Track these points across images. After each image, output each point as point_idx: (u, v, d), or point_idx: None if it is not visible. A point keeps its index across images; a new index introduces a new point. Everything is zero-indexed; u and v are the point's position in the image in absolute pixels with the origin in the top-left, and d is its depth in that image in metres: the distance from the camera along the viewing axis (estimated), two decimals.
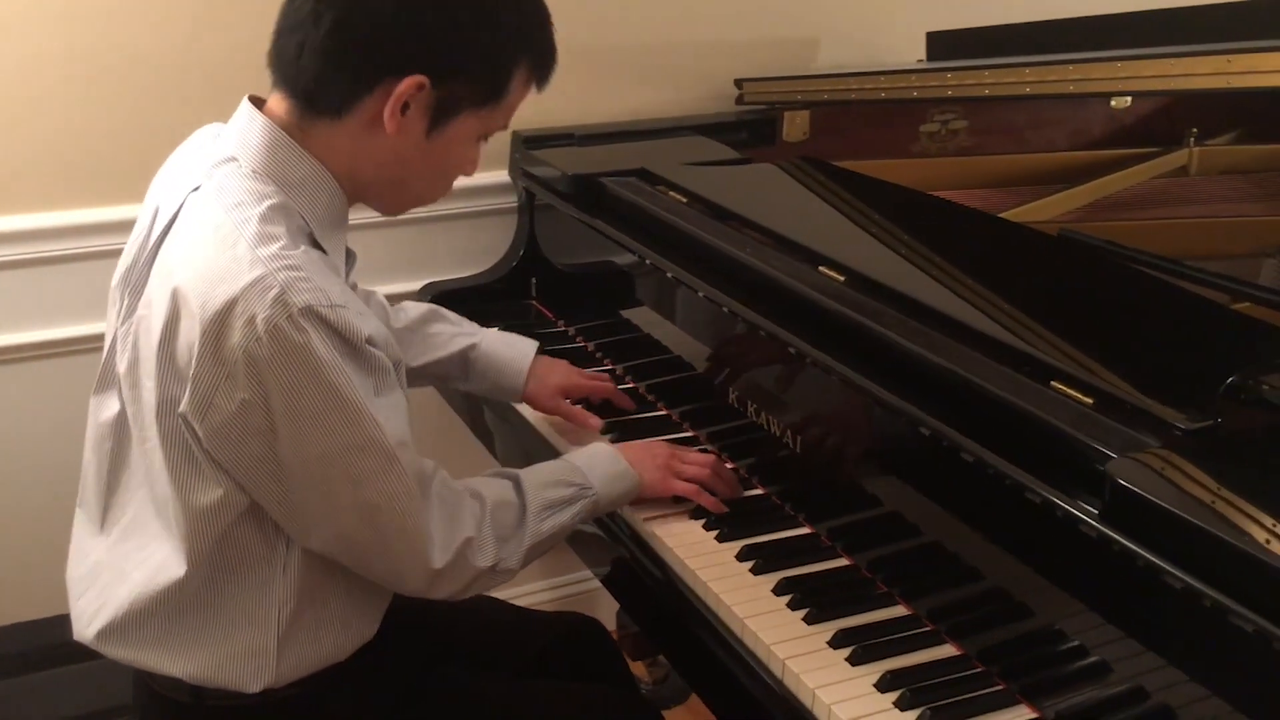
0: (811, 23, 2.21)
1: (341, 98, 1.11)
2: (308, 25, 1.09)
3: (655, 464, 1.37)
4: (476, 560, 1.18)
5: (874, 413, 1.25)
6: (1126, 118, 2.13)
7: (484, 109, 1.15)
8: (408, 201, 1.24)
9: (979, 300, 1.32)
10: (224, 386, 1.04)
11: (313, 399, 1.05)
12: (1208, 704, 0.94)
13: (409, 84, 1.09)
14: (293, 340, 1.03)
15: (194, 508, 1.11)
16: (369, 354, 1.09)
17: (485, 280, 1.97)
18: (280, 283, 1.03)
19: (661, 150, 1.89)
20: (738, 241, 1.51)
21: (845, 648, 1.14)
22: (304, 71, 1.10)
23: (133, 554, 1.18)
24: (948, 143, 2.12)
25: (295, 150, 1.13)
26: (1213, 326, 1.26)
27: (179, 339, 1.07)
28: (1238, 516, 0.87)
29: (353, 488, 1.09)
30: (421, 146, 1.14)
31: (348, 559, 1.15)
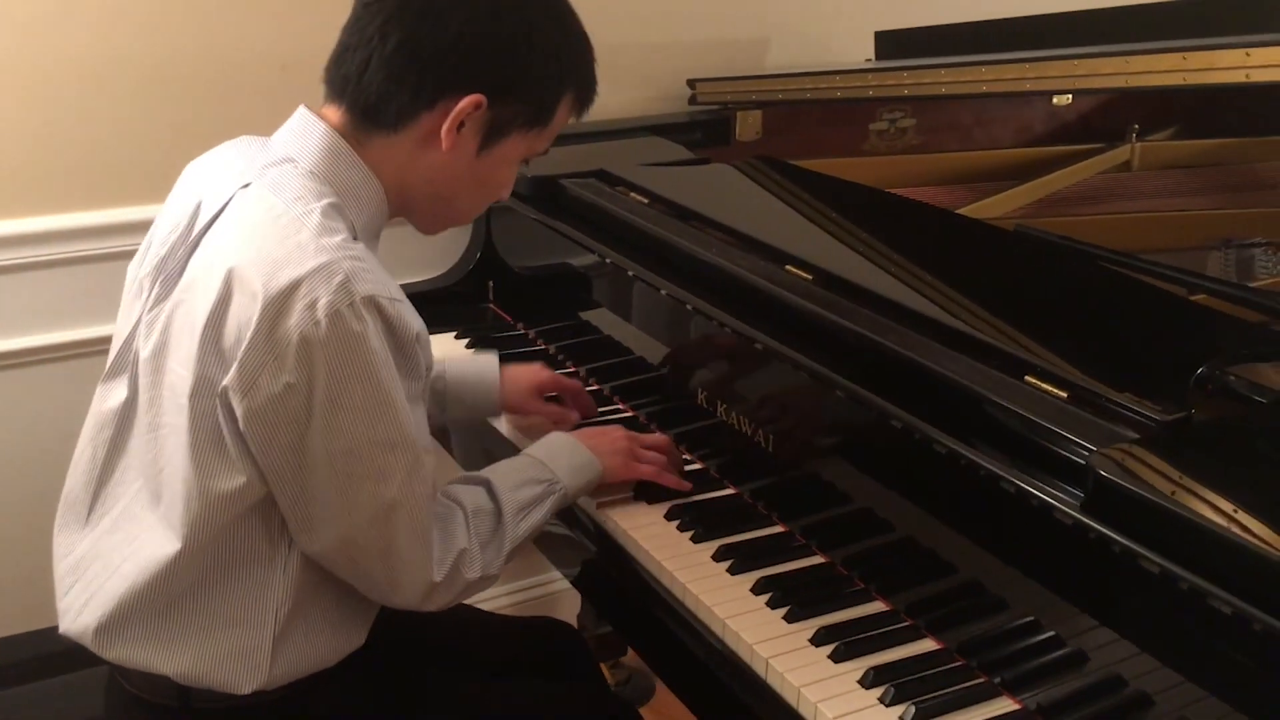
0: (761, 22, 2.22)
1: (400, 112, 1.14)
2: (374, 42, 1.13)
3: (615, 449, 1.38)
4: (467, 572, 1.20)
5: (848, 410, 1.26)
6: (1069, 114, 2.17)
7: (531, 132, 1.20)
8: (449, 219, 1.28)
9: (946, 296, 1.34)
10: (271, 367, 1.05)
11: (356, 389, 1.06)
12: (1184, 689, 0.96)
13: (468, 102, 1.13)
14: (350, 328, 1.04)
15: (212, 492, 1.10)
16: (414, 355, 1.12)
17: (442, 284, 1.95)
18: (345, 270, 1.05)
19: (618, 151, 1.89)
20: (703, 242, 1.51)
21: (827, 645, 1.15)
22: (367, 86, 1.14)
23: (122, 546, 1.16)
24: (896, 141, 2.15)
25: (352, 158, 1.16)
26: (1173, 319, 1.28)
27: (229, 319, 1.07)
28: (1221, 506, 0.89)
29: (376, 484, 1.10)
30: (471, 164, 1.18)
31: (346, 565, 1.15)
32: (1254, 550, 0.86)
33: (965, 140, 2.16)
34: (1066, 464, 1.02)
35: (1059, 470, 1.02)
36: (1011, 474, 1.04)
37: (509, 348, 1.80)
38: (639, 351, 1.63)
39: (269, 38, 1.86)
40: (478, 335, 1.83)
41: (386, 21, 1.12)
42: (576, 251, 1.73)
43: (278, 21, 1.86)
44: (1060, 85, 1.49)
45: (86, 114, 1.78)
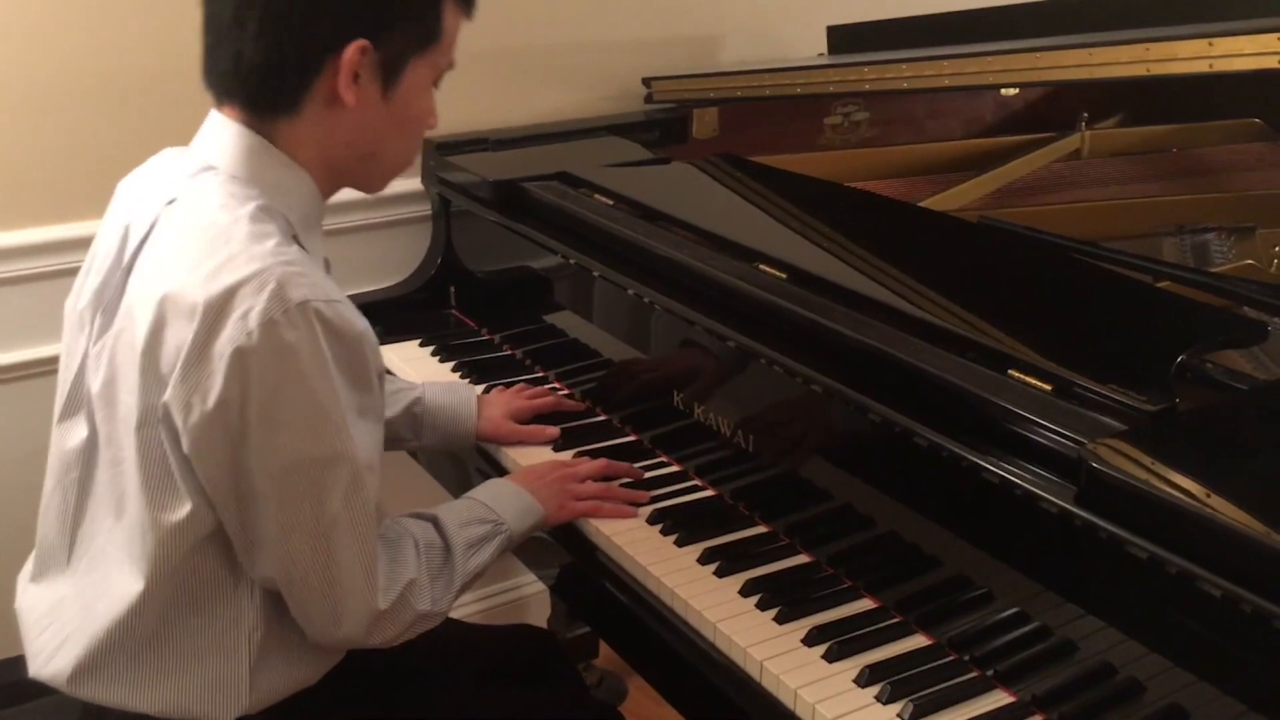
0: (715, 19, 2.21)
1: (292, 91, 1.10)
2: (235, 33, 1.08)
3: (550, 492, 1.36)
4: (417, 603, 1.17)
5: (830, 408, 1.26)
6: (1018, 103, 2.20)
7: (428, 52, 1.14)
8: (387, 171, 1.22)
9: (920, 291, 1.34)
10: (204, 384, 1.02)
11: (293, 402, 1.03)
12: (1174, 674, 0.97)
13: (352, 52, 1.08)
14: (284, 338, 1.01)
15: (163, 525, 1.07)
16: (363, 357, 1.08)
17: (403, 291, 1.92)
18: (278, 277, 1.01)
19: (579, 152, 1.88)
20: (673, 242, 1.50)
21: (820, 645, 1.15)
22: (248, 78, 1.09)
23: (97, 585, 1.13)
24: (851, 134, 2.16)
25: (271, 152, 1.12)
26: (1144, 307, 1.30)
27: (165, 344, 1.04)
28: (1216, 494, 0.90)
29: (314, 504, 1.06)
30: (383, 110, 1.13)
31: (288, 593, 1.11)
32: (1250, 536, 0.87)
33: (918, 132, 2.18)
34: (1056, 456, 1.03)
35: (1049, 463, 1.03)
36: (1005, 469, 1.04)
37: (475, 354, 1.78)
38: (609, 354, 1.62)
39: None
40: (442, 343, 1.81)
41: (238, 7, 1.07)
42: (540, 255, 1.72)
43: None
44: (1024, 78, 1.51)
45: (37, 128, 1.73)
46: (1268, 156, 1.99)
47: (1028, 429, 1.06)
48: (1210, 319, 1.24)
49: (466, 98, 2.00)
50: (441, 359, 1.76)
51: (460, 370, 1.73)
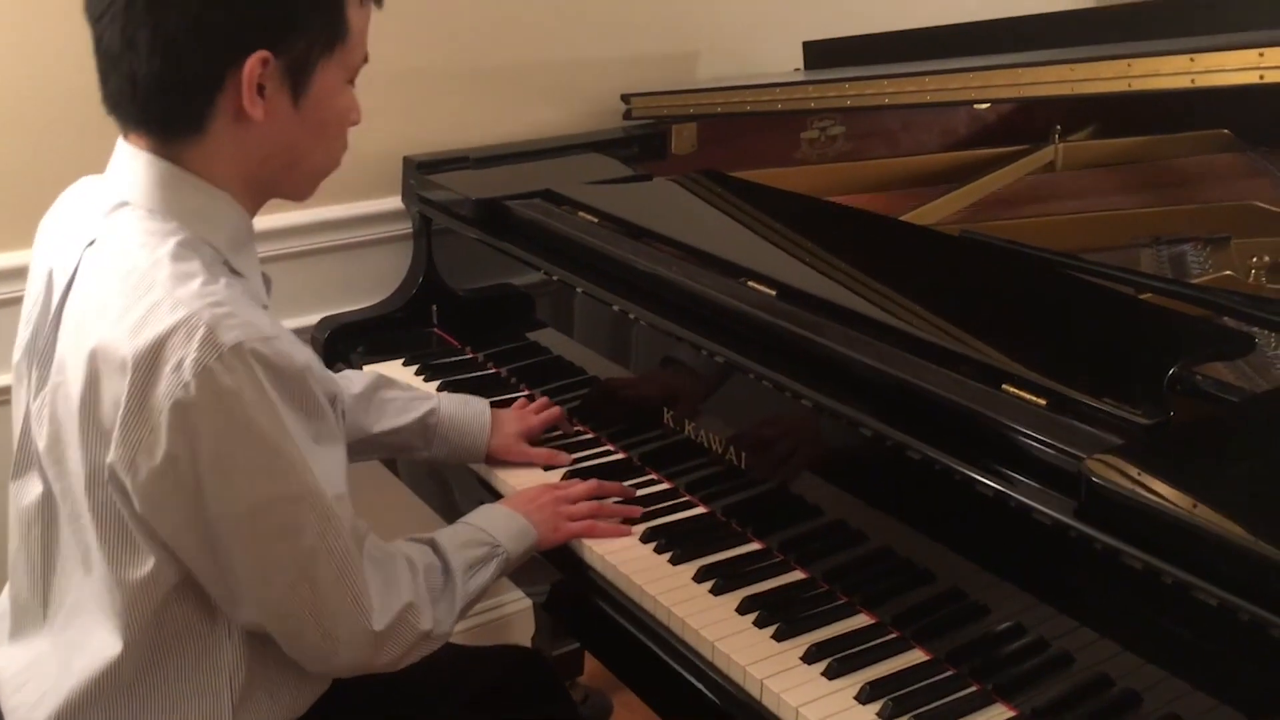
0: (691, 35, 2.22)
1: (194, 112, 1.04)
2: (127, 55, 1.02)
3: (543, 515, 1.35)
4: (419, 624, 1.15)
5: (824, 425, 1.26)
6: (990, 116, 2.22)
7: (336, 52, 1.08)
8: (313, 177, 1.16)
9: (909, 306, 1.35)
10: (147, 441, 0.98)
11: (243, 448, 0.99)
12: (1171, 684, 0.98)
13: (252, 65, 1.02)
14: (222, 384, 0.97)
15: (128, 583, 1.05)
16: (308, 391, 1.04)
17: (384, 310, 1.91)
18: (206, 321, 0.97)
19: (560, 169, 1.88)
20: (661, 260, 1.50)
21: (820, 662, 1.15)
22: (148, 102, 1.04)
23: (75, 640, 1.10)
24: (828, 148, 2.17)
25: (184, 179, 1.07)
26: (1132, 320, 1.31)
27: (103, 400, 1.01)
28: (1217, 506, 0.91)
29: (287, 542, 1.04)
30: (296, 119, 1.08)
31: (279, 630, 1.09)
32: (1251, 549, 0.88)
33: (893, 145, 2.19)
34: (1053, 471, 1.03)
35: (1046, 477, 1.04)
36: (1003, 483, 1.05)
37: (459, 373, 1.77)
38: (595, 371, 1.62)
39: None
40: (425, 362, 1.80)
41: (126, 28, 1.01)
42: (522, 272, 1.72)
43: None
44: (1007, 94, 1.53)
45: None
46: (1237, 167, 2.02)
47: (1026, 444, 1.06)
48: (1197, 331, 1.26)
49: (446, 115, 2.00)
50: (426, 378, 1.75)
51: (446, 390, 1.72)
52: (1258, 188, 1.92)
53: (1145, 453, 0.99)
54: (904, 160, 2.09)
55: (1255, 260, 1.56)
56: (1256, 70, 1.27)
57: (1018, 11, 2.10)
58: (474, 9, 1.99)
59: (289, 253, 1.88)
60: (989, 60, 1.60)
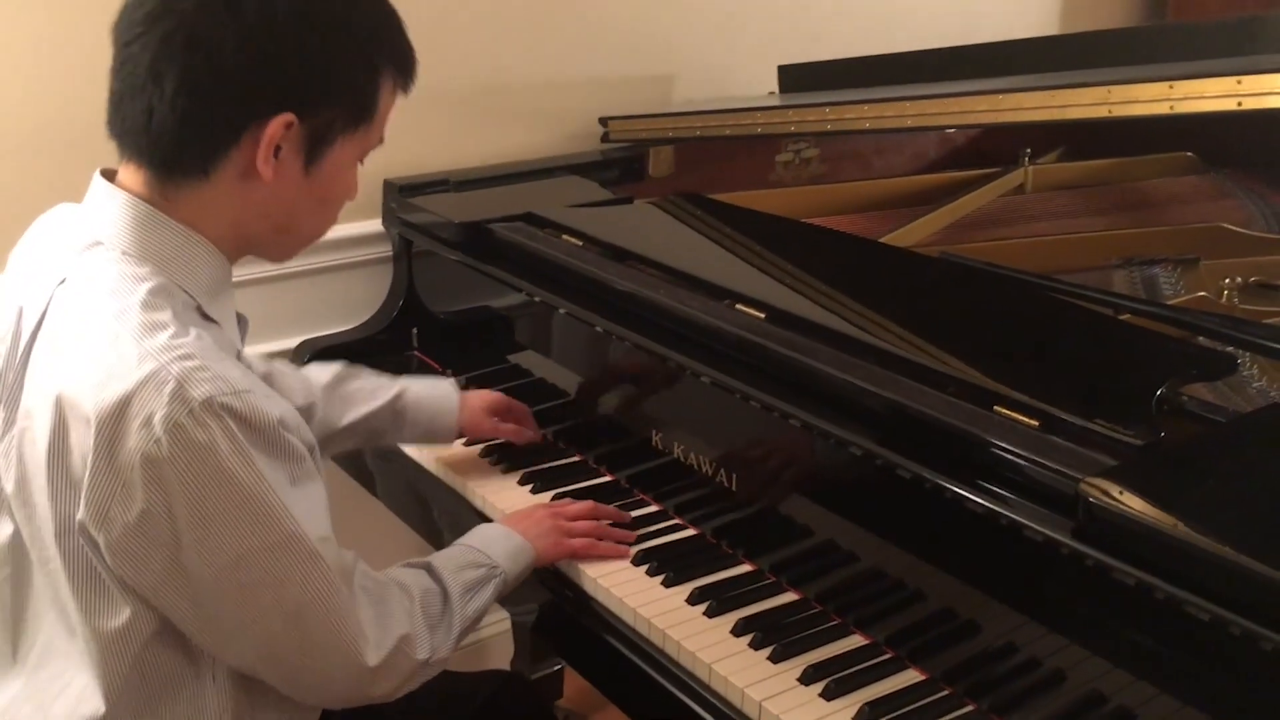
0: (668, 58, 2.24)
1: (206, 156, 1.03)
2: (150, 87, 1.00)
3: (542, 531, 1.35)
4: (416, 654, 1.14)
5: (813, 447, 1.27)
6: (960, 139, 2.25)
7: (358, 130, 1.08)
8: (299, 245, 1.16)
9: (895, 328, 1.36)
10: (120, 496, 0.96)
11: (221, 500, 0.97)
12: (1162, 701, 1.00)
13: (276, 125, 1.01)
14: (194, 438, 0.95)
15: (104, 633, 1.02)
16: (282, 439, 1.01)
17: (364, 334, 1.90)
18: (175, 375, 0.95)
19: (540, 192, 1.88)
20: (647, 282, 1.51)
21: (817, 683, 1.15)
22: (159, 138, 1.02)
23: (50, 684, 1.08)
24: (802, 171, 2.20)
25: (164, 223, 1.05)
26: (1116, 341, 1.34)
27: (71, 450, 0.99)
28: (1214, 525, 0.93)
29: (273, 590, 1.02)
30: (302, 185, 1.07)
31: (271, 672, 1.08)
32: (1255, 570, 0.89)
33: (865, 168, 2.22)
34: (1048, 491, 1.05)
35: (1040, 498, 1.05)
36: (998, 504, 1.06)
37: None
38: (578, 394, 1.62)
39: None
40: None
41: (155, 60, 0.99)
42: (502, 295, 1.72)
43: None
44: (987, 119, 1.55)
45: None
46: (1202, 189, 2.06)
47: (1020, 465, 1.08)
48: (1180, 352, 1.28)
49: (424, 138, 2.00)
50: None
51: None
52: (1224, 209, 1.96)
53: (1140, 473, 1.01)
54: (877, 183, 2.11)
55: (1228, 281, 1.60)
56: (1234, 97, 1.31)
57: (987, 38, 2.14)
58: (453, 34, 2.00)
59: (269, 275, 1.86)
60: (972, 86, 1.63)
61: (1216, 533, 0.93)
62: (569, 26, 2.12)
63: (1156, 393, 1.13)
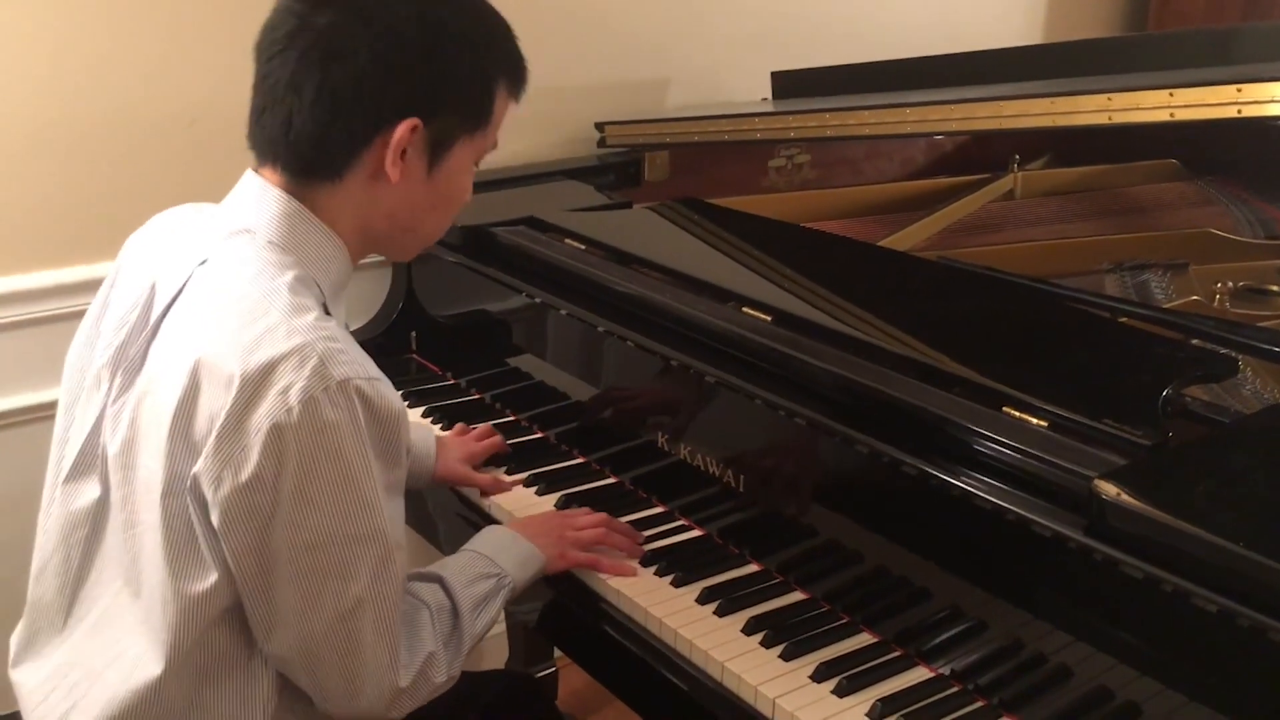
0: (662, 64, 2.26)
1: (340, 159, 1.10)
2: (290, 97, 1.08)
3: (550, 540, 1.36)
4: (435, 676, 1.16)
5: (820, 447, 1.29)
6: (949, 145, 2.28)
7: (477, 134, 1.16)
8: (420, 243, 1.24)
9: (900, 330, 1.38)
10: (238, 457, 1.00)
11: (326, 480, 1.01)
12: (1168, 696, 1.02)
13: (404, 129, 1.09)
14: (324, 416, 1.00)
15: (186, 595, 1.05)
16: (397, 436, 1.07)
17: (363, 336, 1.90)
18: (320, 353, 1.01)
19: (538, 196, 1.89)
20: (652, 285, 1.53)
21: (829, 680, 1.17)
22: (297, 143, 1.09)
23: (105, 650, 1.10)
24: (794, 176, 2.22)
25: (310, 220, 1.12)
26: (1114, 343, 1.36)
27: (199, 411, 1.02)
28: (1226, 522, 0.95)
29: (340, 582, 1.05)
30: (426, 187, 1.14)
31: (305, 669, 1.10)
32: (1257, 561, 0.92)
33: (856, 174, 2.24)
34: (1060, 490, 1.07)
35: (1052, 497, 1.07)
36: (1010, 502, 1.08)
37: (442, 399, 1.77)
38: (578, 396, 1.63)
39: (224, 99, 1.81)
40: (407, 389, 1.80)
41: (295, 73, 1.07)
42: (501, 298, 1.73)
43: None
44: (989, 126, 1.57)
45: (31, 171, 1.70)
46: (1188, 195, 2.10)
47: (1031, 464, 1.10)
48: (1182, 355, 1.31)
49: None
50: (411, 404, 1.75)
51: (431, 415, 1.72)
52: (1209, 215, 2.00)
53: (1151, 472, 1.03)
54: (869, 188, 2.14)
55: (1219, 286, 1.63)
56: (1235, 105, 1.33)
57: (972, 47, 2.17)
58: None
59: None
60: (972, 92, 1.65)
61: (1225, 529, 0.95)
62: (565, 33, 2.14)
63: (1163, 394, 1.15)
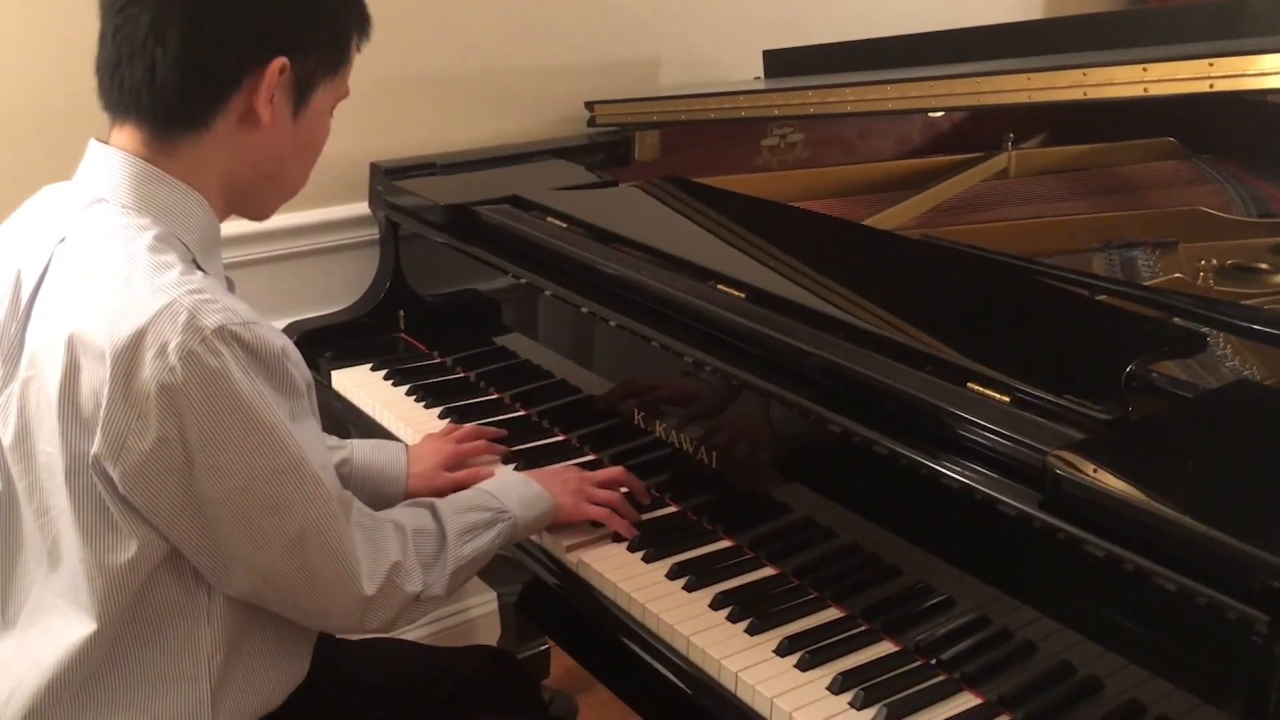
0: (653, 43, 2.25)
1: (208, 105, 1.09)
2: (150, 45, 1.06)
3: (567, 489, 1.37)
4: (406, 585, 1.17)
5: (791, 425, 1.29)
6: (944, 124, 2.27)
7: (335, 77, 1.16)
8: (282, 196, 1.22)
9: (875, 308, 1.38)
10: (136, 426, 1.00)
11: (231, 425, 1.02)
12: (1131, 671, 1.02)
13: (274, 68, 1.08)
14: (208, 365, 1.00)
15: (111, 568, 1.05)
16: (286, 372, 1.07)
17: (351, 316, 1.92)
18: (188, 307, 1.00)
19: (526, 175, 1.90)
20: (630, 263, 1.53)
21: (792, 654, 1.18)
22: (162, 92, 1.07)
23: (40, 637, 1.10)
24: (787, 155, 2.22)
25: (161, 177, 1.10)
26: (1089, 320, 1.36)
27: (81, 387, 1.02)
28: (1175, 496, 0.95)
29: (277, 515, 1.06)
30: (291, 131, 1.14)
31: (273, 599, 1.12)
32: (1209, 535, 0.92)
33: (850, 152, 2.24)
34: (1018, 465, 1.07)
35: (1011, 471, 1.07)
36: (968, 477, 1.09)
37: (427, 377, 1.79)
38: (562, 374, 1.64)
39: None
40: (393, 367, 1.81)
41: (156, 20, 1.05)
42: (489, 277, 1.73)
43: None
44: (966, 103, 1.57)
45: None
46: (1183, 173, 2.08)
47: (991, 440, 1.10)
48: (1151, 331, 1.30)
49: (411, 123, 2.01)
50: (395, 383, 1.76)
51: (415, 394, 1.73)
52: (1203, 193, 1.99)
53: (1106, 447, 1.03)
54: (862, 167, 2.13)
55: (1203, 263, 1.62)
56: (1207, 79, 1.32)
57: (971, 23, 2.16)
58: (439, 18, 2.01)
59: (257, 258, 1.88)
60: (950, 69, 1.64)
61: (1178, 503, 0.95)
62: (556, 11, 2.14)
63: (1126, 370, 1.15)
